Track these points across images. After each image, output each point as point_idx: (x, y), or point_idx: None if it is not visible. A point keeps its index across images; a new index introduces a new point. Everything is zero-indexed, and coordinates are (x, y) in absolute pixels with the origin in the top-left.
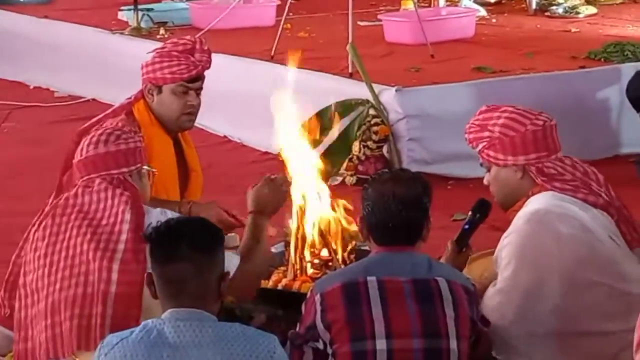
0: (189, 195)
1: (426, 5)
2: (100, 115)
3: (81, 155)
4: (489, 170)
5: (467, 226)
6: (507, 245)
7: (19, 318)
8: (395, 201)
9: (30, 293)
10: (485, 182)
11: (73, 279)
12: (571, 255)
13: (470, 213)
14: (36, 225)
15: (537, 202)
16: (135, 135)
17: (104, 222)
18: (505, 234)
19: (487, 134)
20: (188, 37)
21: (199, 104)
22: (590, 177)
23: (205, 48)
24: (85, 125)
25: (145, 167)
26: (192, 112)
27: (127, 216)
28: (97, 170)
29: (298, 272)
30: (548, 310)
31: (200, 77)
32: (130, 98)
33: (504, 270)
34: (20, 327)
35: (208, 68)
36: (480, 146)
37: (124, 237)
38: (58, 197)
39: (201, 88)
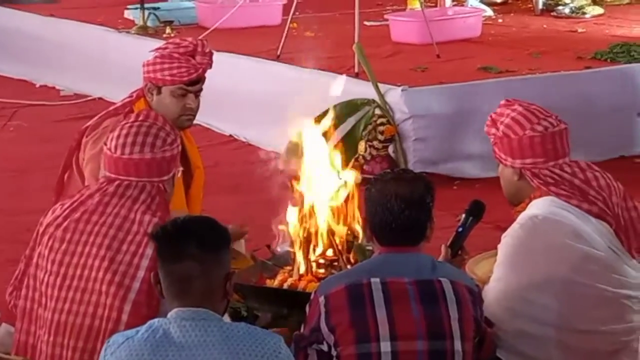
0: (192, 191)
1: (432, 5)
2: (102, 113)
3: (122, 153)
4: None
5: (460, 229)
6: (501, 246)
7: (23, 306)
8: (397, 201)
9: (40, 292)
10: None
11: (82, 306)
12: (562, 263)
13: (463, 216)
14: (60, 217)
15: (536, 207)
16: (177, 138)
17: (124, 247)
18: (503, 235)
19: (493, 130)
20: (190, 38)
21: (198, 106)
22: (590, 185)
23: (207, 51)
24: (87, 124)
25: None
26: (191, 113)
27: (149, 251)
28: (139, 175)
29: (304, 271)
30: (539, 311)
31: (200, 80)
32: (132, 96)
33: (494, 270)
34: (23, 317)
35: (209, 69)
36: (491, 140)
37: (140, 274)
38: (58, 196)
39: (201, 90)
